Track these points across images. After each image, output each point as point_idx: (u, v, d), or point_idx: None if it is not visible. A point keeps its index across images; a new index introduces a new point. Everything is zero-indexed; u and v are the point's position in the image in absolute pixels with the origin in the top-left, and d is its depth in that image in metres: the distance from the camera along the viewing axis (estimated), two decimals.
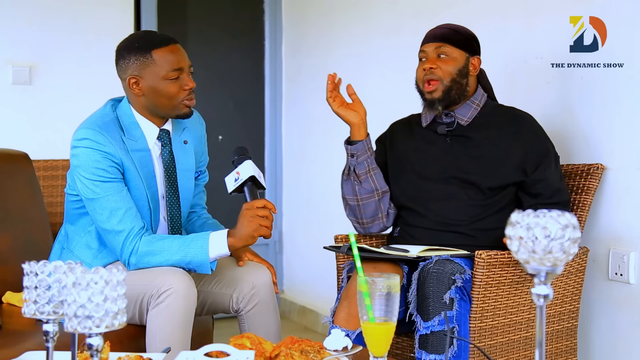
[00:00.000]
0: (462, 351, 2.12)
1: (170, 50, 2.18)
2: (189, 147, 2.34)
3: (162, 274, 2.06)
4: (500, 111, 2.45)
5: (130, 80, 2.19)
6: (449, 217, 2.38)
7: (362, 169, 2.42)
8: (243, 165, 2.20)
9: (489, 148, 2.38)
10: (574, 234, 1.12)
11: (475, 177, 2.36)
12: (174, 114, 2.23)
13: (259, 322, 2.29)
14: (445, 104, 2.39)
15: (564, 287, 2.39)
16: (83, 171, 2.14)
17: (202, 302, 2.34)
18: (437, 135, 2.44)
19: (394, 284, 1.48)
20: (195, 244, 2.13)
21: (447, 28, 2.42)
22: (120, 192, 2.14)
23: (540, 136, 2.39)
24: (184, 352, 1.68)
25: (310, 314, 4.13)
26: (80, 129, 2.18)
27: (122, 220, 2.12)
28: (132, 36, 2.27)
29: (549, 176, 2.34)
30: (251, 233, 2.12)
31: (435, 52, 2.39)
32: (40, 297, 1.30)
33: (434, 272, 2.13)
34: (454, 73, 2.37)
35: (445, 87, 2.37)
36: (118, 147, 2.16)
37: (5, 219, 2.55)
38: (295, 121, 4.37)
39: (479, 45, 2.45)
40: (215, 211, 2.61)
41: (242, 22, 4.42)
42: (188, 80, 2.20)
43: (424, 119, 2.49)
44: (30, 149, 2.84)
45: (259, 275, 2.30)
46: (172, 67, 2.16)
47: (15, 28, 3.64)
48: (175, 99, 2.19)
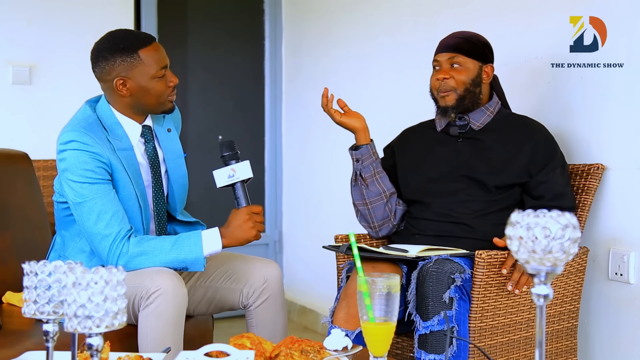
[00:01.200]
0: (461, 351, 2.12)
1: (155, 48, 2.20)
2: (173, 134, 2.37)
3: (150, 276, 2.06)
4: (512, 118, 2.49)
5: (117, 82, 2.18)
6: (453, 210, 2.40)
7: (368, 173, 2.48)
8: (241, 165, 2.20)
9: (498, 149, 2.42)
10: (574, 234, 1.12)
11: (482, 175, 2.40)
12: (159, 111, 2.26)
13: (267, 317, 2.31)
14: (458, 112, 2.44)
15: (564, 287, 2.39)
16: (71, 174, 2.13)
17: (210, 298, 2.36)
18: (449, 136, 2.49)
19: (394, 284, 1.48)
20: (189, 242, 2.14)
21: (460, 37, 2.44)
22: (107, 195, 2.13)
23: (550, 143, 2.42)
24: (184, 352, 1.68)
25: (310, 314, 4.13)
26: (65, 132, 2.16)
27: (109, 224, 2.11)
28: (110, 37, 2.23)
29: (552, 179, 2.35)
30: (249, 238, 2.18)
31: (448, 62, 2.42)
32: (40, 297, 1.30)
33: (433, 272, 2.13)
34: (468, 82, 2.41)
35: (458, 96, 2.41)
36: (105, 147, 2.15)
37: (5, 219, 2.55)
38: (295, 121, 4.37)
39: (491, 52, 2.47)
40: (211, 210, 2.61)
41: (242, 22, 4.42)
42: (172, 76, 2.23)
43: (438, 124, 2.53)
44: (30, 149, 2.85)
45: (270, 269, 2.34)
46: (159, 65, 2.19)
47: (15, 28, 3.64)
48: (162, 96, 2.22)
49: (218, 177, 2.20)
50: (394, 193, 2.53)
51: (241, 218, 2.17)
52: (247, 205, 2.20)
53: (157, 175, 2.29)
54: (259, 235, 2.20)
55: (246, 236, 2.17)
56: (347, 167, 2.61)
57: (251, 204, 2.21)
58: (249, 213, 2.17)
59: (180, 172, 2.36)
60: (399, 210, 2.54)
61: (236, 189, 2.20)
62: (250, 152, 4.41)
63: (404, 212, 2.56)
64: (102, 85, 2.24)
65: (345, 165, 3.07)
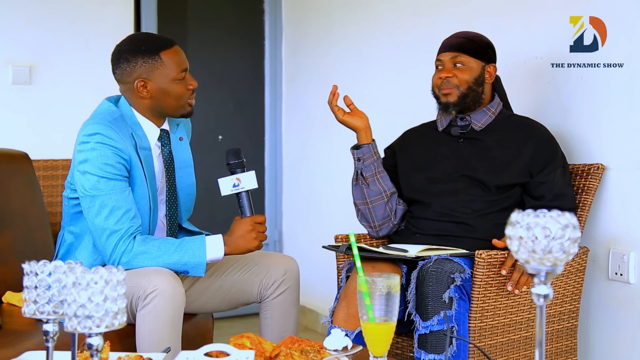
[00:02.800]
0: (461, 351, 2.12)
1: (176, 51, 2.22)
2: (185, 143, 2.37)
3: (147, 276, 2.06)
4: (513, 119, 2.50)
5: (137, 84, 2.19)
6: (453, 210, 2.41)
7: (369, 172, 2.49)
8: (246, 175, 2.22)
9: (499, 150, 2.42)
10: (574, 233, 1.12)
11: (482, 175, 2.40)
12: (178, 114, 2.27)
13: (283, 309, 2.33)
14: (459, 109, 2.45)
15: (564, 287, 2.39)
16: (90, 166, 2.13)
17: (226, 292, 2.37)
18: (451, 137, 2.50)
19: (394, 284, 1.48)
20: (192, 246, 2.15)
21: (463, 37, 2.45)
22: (122, 192, 2.14)
23: (551, 143, 2.42)
24: (184, 352, 1.68)
25: (310, 314, 4.13)
26: (90, 124, 2.16)
27: (120, 220, 2.12)
28: (131, 39, 2.26)
29: (553, 180, 2.36)
30: (251, 248, 2.20)
31: (451, 61, 2.43)
32: (40, 297, 1.30)
33: (433, 271, 2.13)
34: (471, 81, 2.42)
35: (461, 93, 2.42)
36: (128, 142, 2.17)
37: (5, 219, 2.55)
38: (295, 121, 4.37)
39: (494, 52, 2.48)
40: (210, 210, 2.61)
41: (242, 22, 4.42)
42: (191, 79, 2.25)
43: (440, 124, 2.54)
44: (30, 149, 2.84)
45: (289, 262, 2.40)
46: (180, 68, 2.21)
47: (15, 28, 3.64)
48: (181, 99, 2.23)
49: (223, 186, 2.21)
50: (394, 193, 2.53)
51: (244, 228, 2.18)
52: (251, 215, 2.21)
53: (172, 180, 2.30)
54: (261, 245, 2.22)
55: (248, 246, 2.19)
56: (347, 167, 2.61)
57: (255, 214, 2.22)
58: (252, 223, 2.19)
59: (188, 181, 2.37)
60: (399, 209, 2.54)
61: (240, 199, 2.23)
62: (250, 152, 4.41)
63: (405, 211, 2.56)
64: (121, 87, 2.25)
65: (345, 165, 3.07)
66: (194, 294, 2.36)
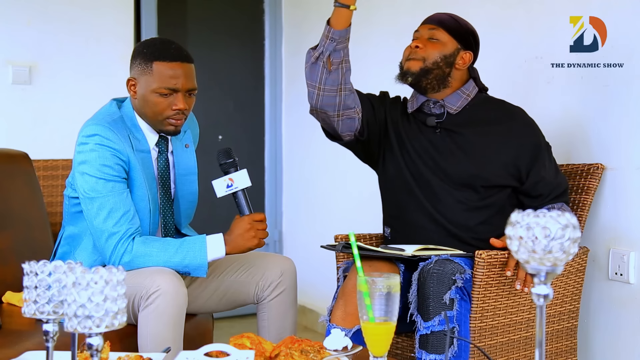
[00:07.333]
0: (462, 351, 2.12)
1: (172, 67, 2.16)
2: (190, 150, 2.36)
3: (149, 276, 2.06)
4: (490, 105, 2.41)
5: (129, 81, 2.22)
6: (442, 214, 2.35)
7: (337, 58, 2.30)
8: (239, 174, 2.21)
9: (480, 146, 2.34)
10: (574, 233, 1.12)
11: (469, 178, 2.33)
12: (157, 129, 2.24)
13: (280, 311, 2.33)
14: (416, 81, 2.34)
15: (564, 287, 2.39)
16: (89, 168, 2.13)
17: (222, 293, 2.37)
18: (427, 126, 2.39)
19: (394, 284, 1.48)
20: (193, 247, 2.15)
21: (446, 14, 2.39)
22: (121, 194, 2.14)
23: (531, 131, 2.36)
24: (184, 352, 1.68)
25: (310, 314, 4.13)
26: (89, 125, 2.17)
27: (118, 222, 2.12)
28: (149, 40, 2.29)
29: (546, 175, 2.34)
30: (250, 247, 2.19)
31: (427, 34, 2.36)
32: (40, 297, 1.30)
33: (434, 273, 2.13)
34: (438, 58, 2.33)
35: (425, 66, 2.33)
36: (126, 144, 2.17)
37: (5, 219, 2.55)
38: (295, 121, 4.37)
39: (476, 43, 2.41)
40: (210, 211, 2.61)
41: (242, 22, 4.42)
42: (179, 101, 2.18)
43: (410, 105, 2.43)
44: (30, 149, 2.84)
45: (286, 263, 2.37)
46: (165, 84, 2.16)
47: (15, 28, 3.64)
48: (160, 114, 2.19)
49: (217, 188, 2.21)
50: (351, 91, 2.34)
51: (243, 227, 2.18)
52: (250, 214, 2.21)
53: (166, 188, 2.29)
54: (262, 242, 2.21)
55: (248, 245, 2.18)
56: (348, 167, 2.61)
57: (253, 212, 2.22)
58: (251, 222, 2.18)
59: (191, 188, 2.36)
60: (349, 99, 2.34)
61: (237, 198, 2.22)
62: (250, 152, 4.41)
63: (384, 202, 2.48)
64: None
65: (345, 165, 3.08)
66: (192, 295, 2.36)
